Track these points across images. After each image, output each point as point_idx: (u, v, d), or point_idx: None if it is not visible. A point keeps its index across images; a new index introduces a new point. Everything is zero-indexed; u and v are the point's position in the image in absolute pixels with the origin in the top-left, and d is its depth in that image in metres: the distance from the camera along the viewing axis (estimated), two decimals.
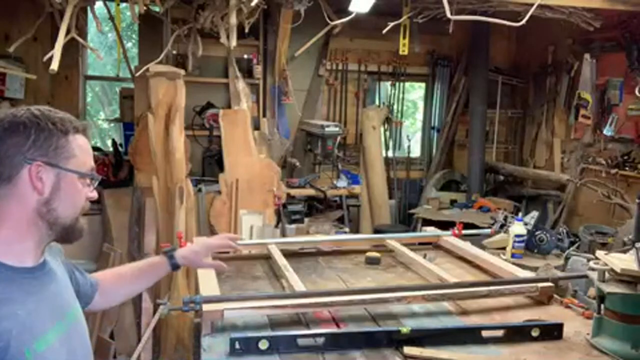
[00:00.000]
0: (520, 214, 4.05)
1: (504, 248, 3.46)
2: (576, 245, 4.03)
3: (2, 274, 1.14)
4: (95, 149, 5.65)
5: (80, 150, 1.23)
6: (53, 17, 4.02)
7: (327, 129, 5.13)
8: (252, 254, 2.71)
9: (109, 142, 6.01)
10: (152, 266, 1.72)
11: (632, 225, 1.84)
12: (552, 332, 1.78)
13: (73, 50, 5.12)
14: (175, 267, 1.72)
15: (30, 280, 1.18)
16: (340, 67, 6.15)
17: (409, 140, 6.60)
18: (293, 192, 5.25)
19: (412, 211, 6.11)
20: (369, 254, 2.59)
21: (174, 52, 5.04)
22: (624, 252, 1.94)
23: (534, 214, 3.99)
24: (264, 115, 5.50)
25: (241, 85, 5.27)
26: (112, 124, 9.94)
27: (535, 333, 1.76)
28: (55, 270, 1.29)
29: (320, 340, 1.67)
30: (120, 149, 5.20)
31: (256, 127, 5.30)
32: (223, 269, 1.87)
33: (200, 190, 4.65)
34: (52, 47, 3.09)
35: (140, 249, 4.30)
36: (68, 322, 1.25)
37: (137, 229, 4.37)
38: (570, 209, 5.63)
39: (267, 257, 2.51)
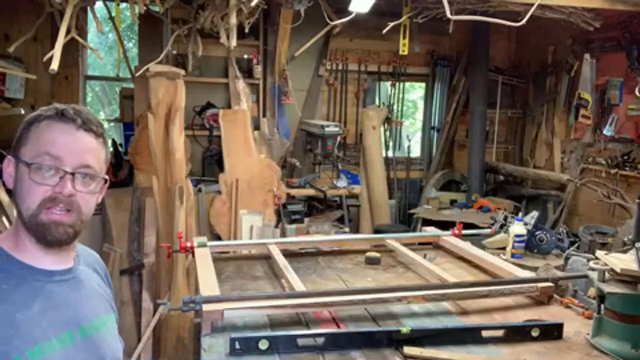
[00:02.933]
0: (520, 214, 4.04)
1: (504, 248, 3.47)
2: (576, 245, 4.03)
3: (14, 272, 1.11)
4: None
5: (35, 138, 1.13)
6: (53, 17, 4.02)
7: (327, 129, 5.12)
8: (252, 254, 2.72)
9: (109, 142, 6.01)
10: None
11: (632, 225, 1.84)
12: (552, 332, 1.78)
13: (73, 50, 5.11)
14: None
15: (45, 283, 1.14)
16: (340, 67, 6.15)
17: (409, 140, 6.60)
18: (293, 192, 5.25)
19: (412, 211, 6.10)
20: (369, 254, 2.59)
21: (174, 52, 5.04)
22: (624, 252, 1.94)
23: (534, 214, 3.98)
24: (264, 115, 5.50)
25: (241, 85, 5.27)
26: (112, 124, 9.94)
27: (535, 333, 1.76)
28: (84, 280, 1.24)
29: (320, 340, 1.67)
30: (120, 149, 5.20)
31: (256, 127, 5.30)
32: None
33: (200, 190, 4.66)
34: (52, 47, 3.09)
35: (140, 249, 4.30)
36: (83, 334, 1.17)
37: (137, 229, 4.37)
38: (570, 209, 5.63)
39: (267, 257, 2.51)
